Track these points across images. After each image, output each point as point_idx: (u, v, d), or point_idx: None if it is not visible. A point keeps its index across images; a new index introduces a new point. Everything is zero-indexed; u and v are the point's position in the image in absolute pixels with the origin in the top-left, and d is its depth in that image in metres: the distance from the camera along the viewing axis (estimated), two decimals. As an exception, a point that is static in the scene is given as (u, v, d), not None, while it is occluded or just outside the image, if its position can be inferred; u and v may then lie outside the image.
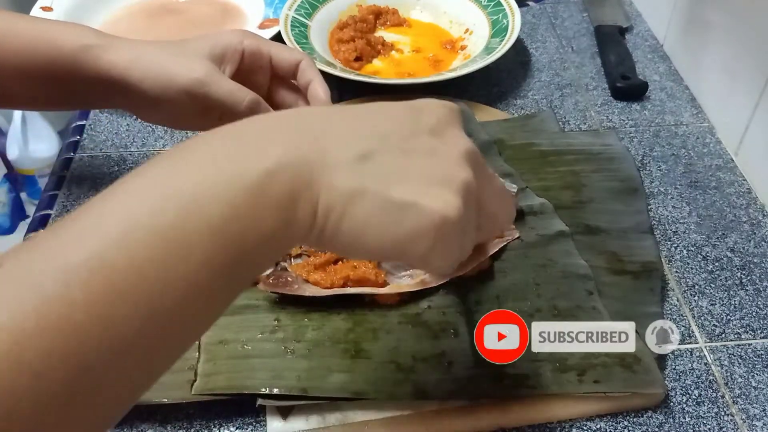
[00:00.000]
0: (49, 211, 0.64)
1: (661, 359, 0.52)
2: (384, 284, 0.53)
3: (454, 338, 0.51)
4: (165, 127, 0.73)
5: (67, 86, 0.54)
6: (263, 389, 0.48)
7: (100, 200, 0.30)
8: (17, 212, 1.69)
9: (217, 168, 0.30)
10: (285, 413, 0.48)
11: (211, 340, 0.50)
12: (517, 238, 0.58)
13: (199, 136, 0.32)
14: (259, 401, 0.48)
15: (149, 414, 0.49)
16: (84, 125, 0.74)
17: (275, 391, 0.48)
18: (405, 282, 0.54)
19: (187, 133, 0.72)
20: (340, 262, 0.54)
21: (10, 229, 1.67)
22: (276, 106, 0.58)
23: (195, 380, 0.48)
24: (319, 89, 0.55)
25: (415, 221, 0.33)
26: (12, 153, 1.60)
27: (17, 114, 1.55)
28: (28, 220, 0.66)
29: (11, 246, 0.28)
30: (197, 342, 0.50)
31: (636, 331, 0.51)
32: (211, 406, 0.49)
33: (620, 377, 0.49)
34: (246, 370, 0.49)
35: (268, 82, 0.57)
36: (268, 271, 0.53)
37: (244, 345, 0.50)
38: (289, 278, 0.53)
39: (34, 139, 1.59)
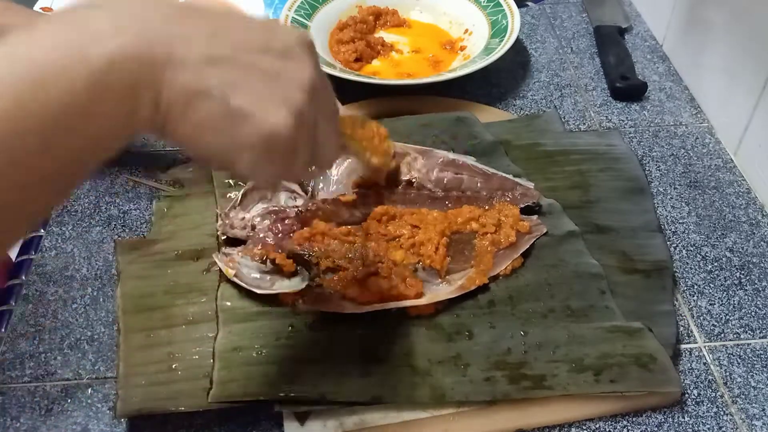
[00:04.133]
0: (50, 212, 0.65)
1: (675, 358, 0.52)
2: (420, 295, 0.53)
3: (469, 340, 0.51)
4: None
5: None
6: (279, 395, 0.48)
7: None
8: (17, 212, 1.69)
9: (60, 53, 0.30)
10: (302, 418, 0.48)
11: (225, 348, 0.50)
12: (546, 233, 0.58)
13: (51, 15, 0.33)
14: (276, 407, 0.48)
15: (166, 423, 0.49)
16: (84, 125, 0.74)
17: (291, 396, 0.48)
18: (442, 289, 0.54)
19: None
20: (373, 277, 0.53)
21: (10, 230, 1.67)
22: None
23: (211, 388, 0.48)
24: None
25: (248, 130, 0.34)
26: (12, 153, 1.60)
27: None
28: (29, 221, 0.65)
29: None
30: (212, 349, 0.50)
31: (650, 330, 0.51)
32: (227, 413, 0.49)
33: (637, 377, 0.49)
34: (262, 377, 0.49)
35: None
36: (302, 287, 0.53)
37: (258, 352, 0.50)
38: (327, 295, 0.53)
39: (34, 140, 1.59)
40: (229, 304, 0.53)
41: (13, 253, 0.61)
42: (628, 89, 0.77)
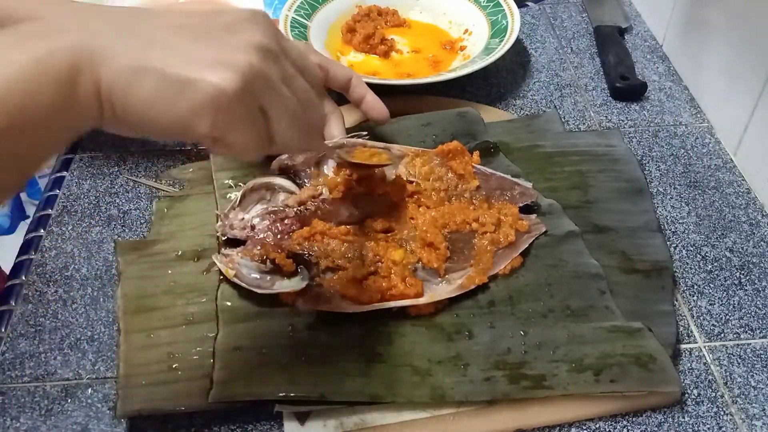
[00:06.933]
0: (49, 211, 0.65)
1: (675, 358, 0.52)
2: (420, 295, 0.53)
3: (469, 340, 0.51)
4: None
5: None
6: (280, 395, 0.48)
7: None
8: (17, 212, 1.70)
9: (4, 49, 0.33)
10: (302, 418, 0.48)
11: (225, 348, 0.50)
12: (545, 232, 0.58)
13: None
14: (276, 407, 0.48)
15: (166, 422, 0.49)
16: (84, 126, 0.74)
17: (292, 396, 0.48)
18: (442, 288, 0.54)
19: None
20: (372, 277, 0.53)
21: (10, 229, 1.67)
22: None
23: (211, 388, 0.48)
24: (376, 101, 0.63)
25: (193, 96, 0.35)
26: (12, 153, 1.60)
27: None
28: (28, 220, 0.66)
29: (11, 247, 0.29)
30: (212, 349, 0.50)
31: (650, 330, 0.51)
32: (227, 413, 0.49)
33: (636, 376, 0.49)
34: (262, 377, 0.49)
35: None
36: (303, 286, 0.52)
37: (259, 351, 0.50)
38: (327, 294, 0.53)
39: (34, 140, 1.59)
40: (229, 304, 0.53)
41: (12, 255, 0.61)
42: (627, 89, 0.77)
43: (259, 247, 0.55)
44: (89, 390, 0.51)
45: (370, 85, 0.73)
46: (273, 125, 0.39)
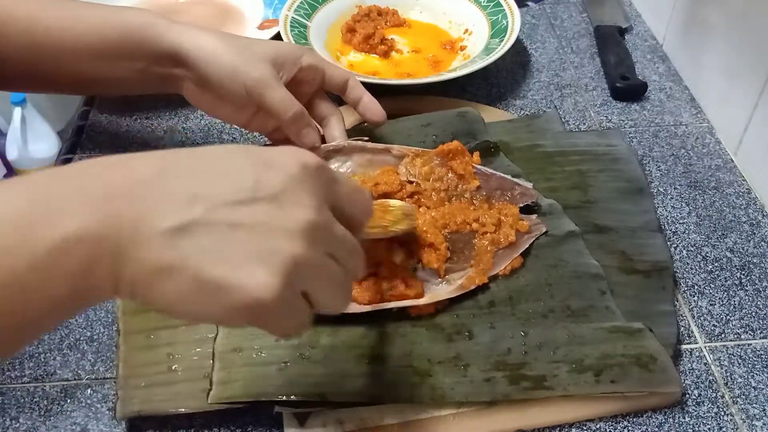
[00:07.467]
0: (49, 212, 0.64)
1: (676, 358, 0.52)
2: (420, 295, 0.53)
3: (469, 340, 0.51)
4: (165, 128, 0.73)
5: (133, 64, 0.57)
6: (280, 396, 0.48)
7: None
8: (17, 213, 1.69)
9: (7, 229, 0.29)
10: (302, 419, 0.48)
11: (225, 348, 0.50)
12: (545, 232, 0.58)
13: (17, 183, 0.31)
14: (276, 408, 0.48)
15: (166, 423, 0.49)
16: (84, 125, 0.74)
17: (292, 397, 0.48)
18: (442, 289, 0.54)
19: (186, 134, 0.72)
20: (373, 277, 0.53)
21: (10, 230, 1.67)
22: (314, 115, 0.61)
23: (211, 389, 0.48)
24: (372, 103, 0.62)
25: (226, 302, 0.32)
26: (12, 153, 1.60)
27: (17, 114, 1.55)
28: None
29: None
30: (212, 350, 0.50)
31: (650, 330, 0.51)
32: (227, 414, 0.49)
33: (637, 377, 0.49)
34: (262, 377, 0.49)
35: (311, 93, 0.62)
36: None
37: (258, 352, 0.50)
38: None
39: (34, 140, 1.59)
40: (228, 304, 0.53)
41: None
42: (628, 89, 0.77)
43: None
44: (89, 390, 0.51)
45: (370, 85, 0.73)
46: (314, 301, 0.36)
